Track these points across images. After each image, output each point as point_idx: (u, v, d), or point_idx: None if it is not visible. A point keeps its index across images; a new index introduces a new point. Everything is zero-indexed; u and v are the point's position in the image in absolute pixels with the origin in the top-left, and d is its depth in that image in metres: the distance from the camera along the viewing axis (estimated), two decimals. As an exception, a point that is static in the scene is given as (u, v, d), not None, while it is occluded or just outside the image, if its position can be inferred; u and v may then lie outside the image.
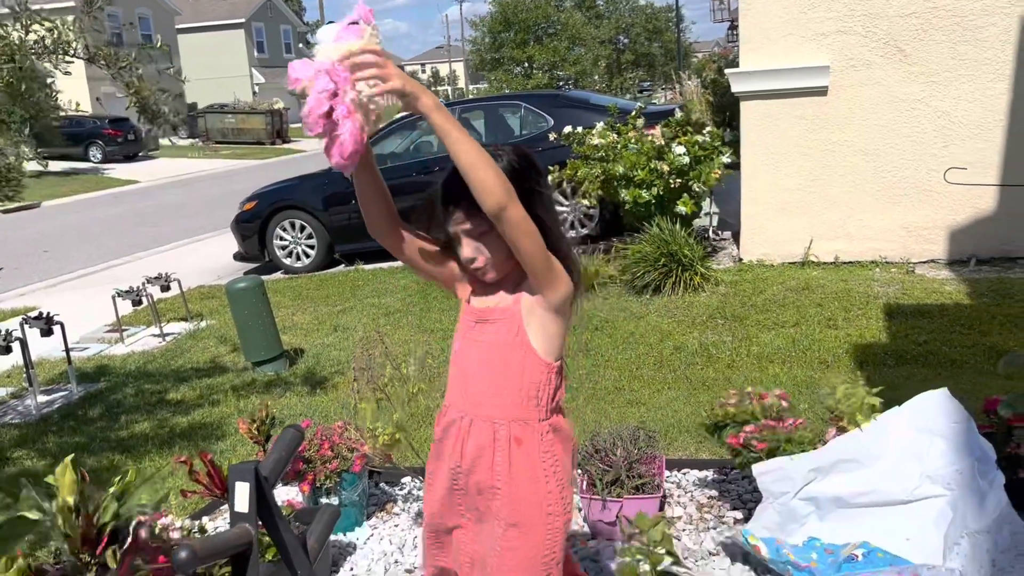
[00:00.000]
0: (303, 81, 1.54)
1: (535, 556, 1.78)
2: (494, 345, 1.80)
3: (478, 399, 1.83)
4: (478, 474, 1.82)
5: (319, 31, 1.59)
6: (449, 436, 1.86)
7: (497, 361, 1.80)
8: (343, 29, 1.55)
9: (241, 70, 46.50)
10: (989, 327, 5.12)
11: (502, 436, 1.80)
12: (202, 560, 1.75)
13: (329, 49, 1.54)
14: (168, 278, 7.09)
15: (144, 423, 4.95)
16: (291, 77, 1.56)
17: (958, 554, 2.47)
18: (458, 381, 1.87)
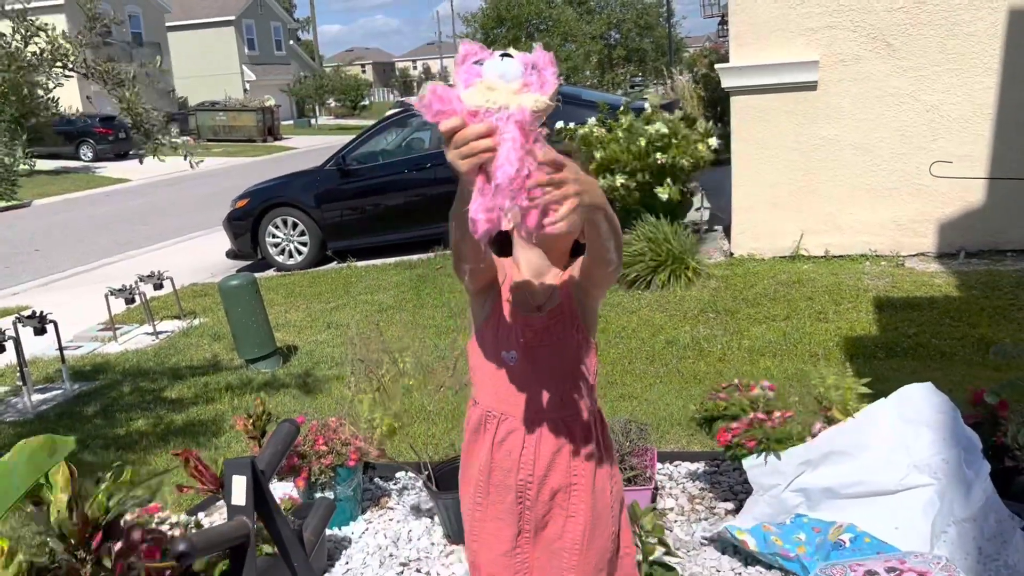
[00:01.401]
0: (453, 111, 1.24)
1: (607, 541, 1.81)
2: (558, 346, 1.72)
3: (545, 403, 1.73)
4: (554, 478, 1.74)
5: (494, 61, 1.27)
6: (509, 447, 1.75)
7: (562, 359, 1.73)
8: (527, 70, 1.27)
9: (232, 67, 46.35)
10: (978, 319, 5.16)
11: (578, 431, 1.75)
12: (200, 553, 1.77)
13: (509, 87, 1.24)
14: (161, 276, 7.09)
15: (139, 421, 4.96)
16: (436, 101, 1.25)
17: (945, 542, 2.51)
18: (513, 389, 1.73)
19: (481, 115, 1.23)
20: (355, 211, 9.20)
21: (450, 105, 1.24)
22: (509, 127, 1.21)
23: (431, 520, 3.34)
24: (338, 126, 41.04)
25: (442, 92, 1.24)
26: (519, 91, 1.24)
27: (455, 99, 1.24)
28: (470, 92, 1.24)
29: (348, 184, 9.20)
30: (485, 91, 1.23)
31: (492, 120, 1.22)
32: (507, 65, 1.26)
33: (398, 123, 9.96)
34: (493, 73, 1.25)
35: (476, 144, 1.23)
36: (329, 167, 9.41)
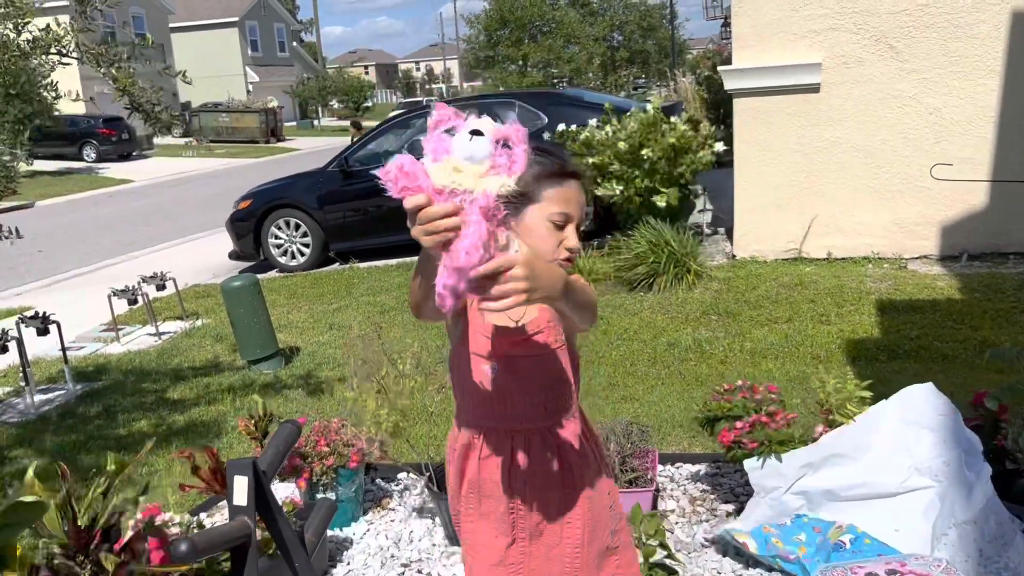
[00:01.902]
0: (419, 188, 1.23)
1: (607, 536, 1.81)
2: (539, 356, 1.69)
3: (530, 413, 1.70)
4: (545, 486, 1.72)
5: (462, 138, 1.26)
6: (497, 460, 1.72)
7: (544, 368, 1.70)
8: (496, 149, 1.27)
9: (235, 69, 46.45)
10: (980, 322, 5.16)
11: (565, 438, 1.73)
12: (202, 552, 1.78)
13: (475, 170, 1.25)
14: (163, 277, 7.11)
15: (142, 421, 4.97)
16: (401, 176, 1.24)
17: (946, 544, 2.52)
18: (497, 401, 1.70)
19: (446, 194, 1.22)
20: (357, 212, 9.21)
21: (416, 181, 1.23)
22: (473, 211, 1.21)
23: (432, 521, 3.34)
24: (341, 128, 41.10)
25: (408, 167, 1.23)
26: (485, 174, 1.24)
27: (421, 174, 1.23)
28: (437, 169, 1.24)
29: (351, 186, 9.21)
30: (451, 172, 1.23)
31: (457, 200, 1.22)
32: (475, 145, 1.25)
33: (400, 124, 9.97)
34: (461, 153, 1.24)
35: (440, 223, 1.24)
36: (332, 168, 9.43)
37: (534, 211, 1.61)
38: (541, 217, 1.61)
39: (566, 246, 1.62)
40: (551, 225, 1.61)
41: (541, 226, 1.61)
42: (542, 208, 1.61)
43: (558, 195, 1.61)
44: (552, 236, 1.62)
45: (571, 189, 1.63)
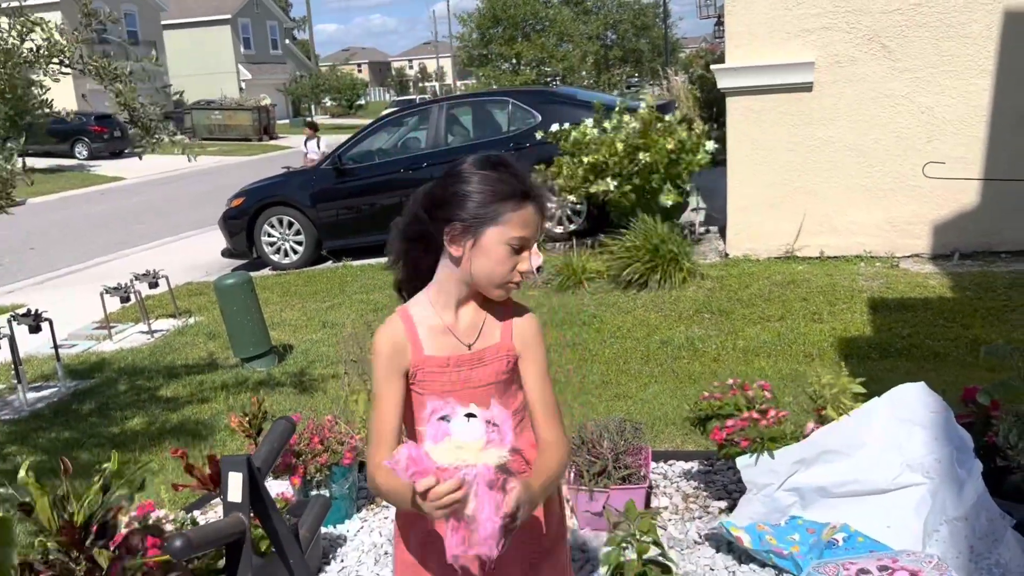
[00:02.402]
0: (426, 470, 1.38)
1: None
2: (495, 383, 1.68)
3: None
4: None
5: (460, 422, 1.42)
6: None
7: (501, 393, 1.68)
8: (488, 428, 1.43)
9: (227, 66, 46.30)
10: (971, 320, 5.19)
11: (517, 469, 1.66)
12: (196, 548, 1.78)
13: (475, 446, 1.41)
14: (156, 275, 7.09)
15: (134, 419, 4.96)
16: (410, 463, 1.38)
17: (937, 541, 2.53)
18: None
19: (451, 471, 1.37)
20: (351, 210, 9.21)
21: (422, 464, 1.38)
22: (481, 486, 1.38)
23: (426, 518, 3.34)
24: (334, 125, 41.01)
25: (415, 454, 1.38)
26: (484, 448, 1.40)
27: (426, 459, 1.38)
28: (440, 450, 1.39)
29: (344, 183, 9.21)
30: (455, 450, 1.39)
31: (461, 475, 1.37)
32: (472, 427, 1.42)
33: (393, 122, 9.96)
34: (461, 436, 1.41)
35: (448, 499, 1.36)
36: (325, 166, 9.41)
37: (492, 233, 1.58)
38: (499, 241, 1.58)
39: (520, 269, 1.62)
40: (508, 248, 1.59)
41: (498, 249, 1.59)
42: (501, 232, 1.58)
43: (517, 219, 1.59)
44: (508, 259, 1.60)
45: (530, 212, 1.61)
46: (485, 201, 1.58)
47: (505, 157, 1.67)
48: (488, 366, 1.68)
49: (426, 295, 1.70)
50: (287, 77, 48.56)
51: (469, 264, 1.61)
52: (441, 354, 1.66)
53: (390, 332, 1.67)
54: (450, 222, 1.59)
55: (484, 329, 1.69)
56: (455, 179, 1.62)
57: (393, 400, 1.65)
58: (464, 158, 1.65)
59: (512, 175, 1.61)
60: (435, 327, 1.67)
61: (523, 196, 1.60)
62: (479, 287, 1.65)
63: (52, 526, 2.43)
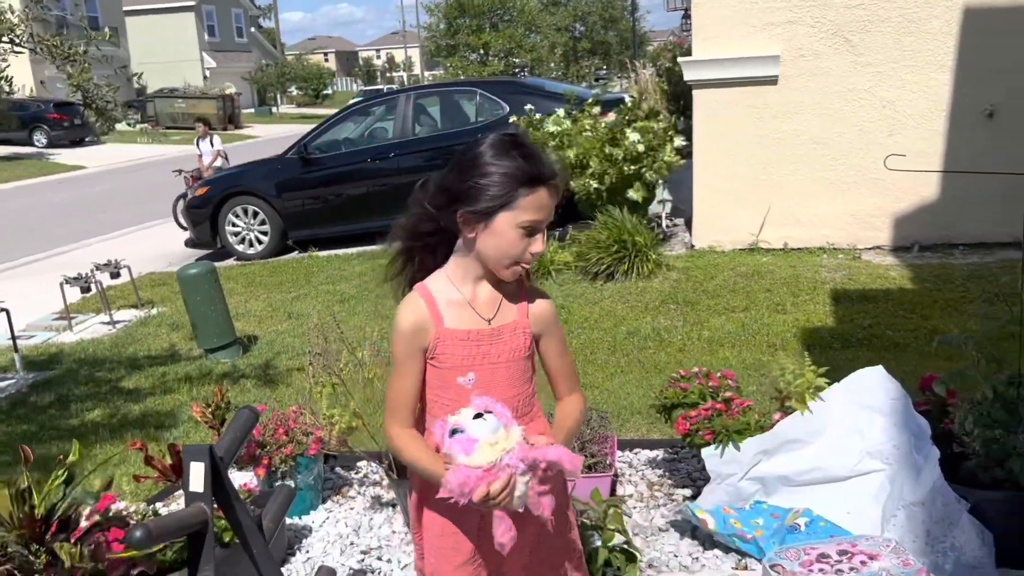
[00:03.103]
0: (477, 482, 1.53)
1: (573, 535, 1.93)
2: (513, 360, 1.75)
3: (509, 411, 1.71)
4: None
5: (478, 425, 1.57)
6: None
7: (517, 371, 1.76)
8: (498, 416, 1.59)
9: (191, 54, 45.57)
10: (930, 311, 5.28)
11: (541, 429, 1.79)
12: (156, 539, 1.76)
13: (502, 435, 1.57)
14: (118, 265, 6.98)
15: (95, 411, 4.89)
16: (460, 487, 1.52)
17: (895, 525, 2.58)
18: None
19: (496, 467, 1.53)
20: (317, 200, 9.13)
21: (472, 480, 1.51)
22: (518, 464, 1.55)
23: (392, 509, 3.34)
24: (300, 115, 40.62)
25: (459, 476, 1.52)
26: (508, 432, 1.56)
27: (472, 473, 1.52)
28: (480, 454, 1.53)
29: (310, 173, 9.13)
30: (490, 448, 1.53)
31: (504, 467, 1.54)
32: (491, 422, 1.56)
33: (360, 111, 9.89)
34: (485, 435, 1.55)
35: (504, 493, 1.53)
36: (291, 155, 9.32)
37: (505, 217, 1.61)
38: (511, 224, 1.61)
39: (531, 251, 1.64)
40: (520, 231, 1.62)
41: (510, 232, 1.62)
42: (514, 215, 1.61)
43: (530, 202, 1.61)
44: (520, 242, 1.63)
45: (543, 196, 1.62)
46: (498, 187, 1.59)
47: (520, 137, 1.68)
48: (506, 343, 1.72)
49: (444, 272, 1.74)
50: (252, 66, 47.95)
51: (481, 245, 1.65)
52: (461, 327, 1.69)
53: (411, 309, 1.70)
54: (463, 211, 1.62)
55: (502, 307, 1.73)
56: (468, 167, 1.62)
57: (413, 377, 1.71)
58: (479, 140, 1.65)
59: (526, 157, 1.61)
60: (454, 301, 1.71)
61: (536, 180, 1.61)
62: (491, 267, 1.68)
63: (12, 519, 2.39)
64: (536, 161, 1.62)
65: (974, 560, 2.50)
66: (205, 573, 1.94)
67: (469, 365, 1.70)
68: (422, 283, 1.74)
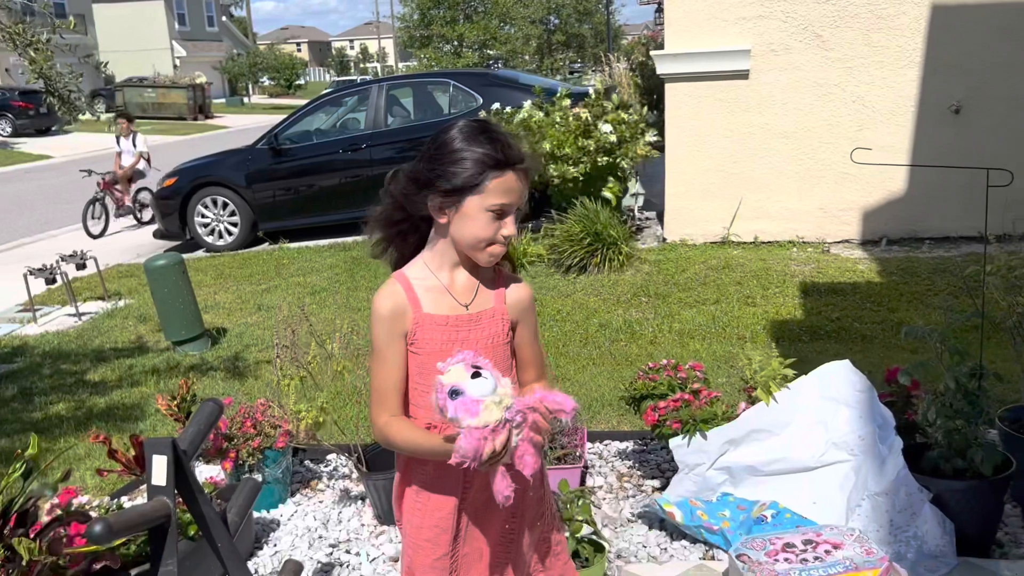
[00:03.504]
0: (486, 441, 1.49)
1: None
2: (490, 346, 1.74)
3: None
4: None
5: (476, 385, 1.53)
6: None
7: (500, 360, 1.74)
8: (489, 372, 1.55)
9: (161, 43, 44.91)
10: (897, 304, 5.35)
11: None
12: (118, 533, 1.73)
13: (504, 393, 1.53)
14: (84, 256, 6.88)
15: (60, 404, 4.81)
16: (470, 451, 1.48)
17: (859, 515, 2.61)
18: None
19: (502, 425, 1.50)
20: (288, 191, 9.05)
21: (482, 440, 1.48)
22: (516, 417, 1.52)
23: (362, 502, 3.33)
24: (272, 105, 40.24)
25: (472, 440, 1.47)
26: (501, 384, 1.53)
27: (477, 432, 1.48)
28: (487, 413, 1.49)
29: (281, 164, 9.04)
30: (496, 407, 1.50)
31: (507, 423, 1.51)
32: (488, 380, 1.53)
33: (332, 102, 9.81)
34: (488, 394, 1.51)
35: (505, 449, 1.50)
36: (261, 146, 9.22)
37: (474, 200, 1.63)
38: (480, 207, 1.63)
39: (503, 234, 1.66)
40: (490, 215, 1.63)
41: (480, 216, 1.63)
42: (482, 199, 1.63)
43: (499, 185, 1.62)
44: (490, 225, 1.64)
45: (511, 179, 1.64)
46: (466, 172, 1.61)
47: (489, 123, 1.70)
48: (484, 329, 1.73)
49: (421, 258, 1.75)
50: (223, 55, 47.36)
51: (454, 230, 1.67)
52: (440, 312, 1.70)
53: (390, 294, 1.71)
54: (433, 196, 1.64)
55: (479, 292, 1.74)
56: (437, 153, 1.65)
57: (396, 362, 1.70)
58: (448, 127, 1.68)
59: (493, 142, 1.63)
60: (432, 287, 1.72)
61: (503, 164, 1.63)
62: (466, 252, 1.69)
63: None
64: (503, 145, 1.63)
65: (936, 549, 2.54)
66: (168, 567, 1.92)
67: (449, 351, 1.68)
68: (399, 271, 1.75)
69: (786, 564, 2.27)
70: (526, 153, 1.68)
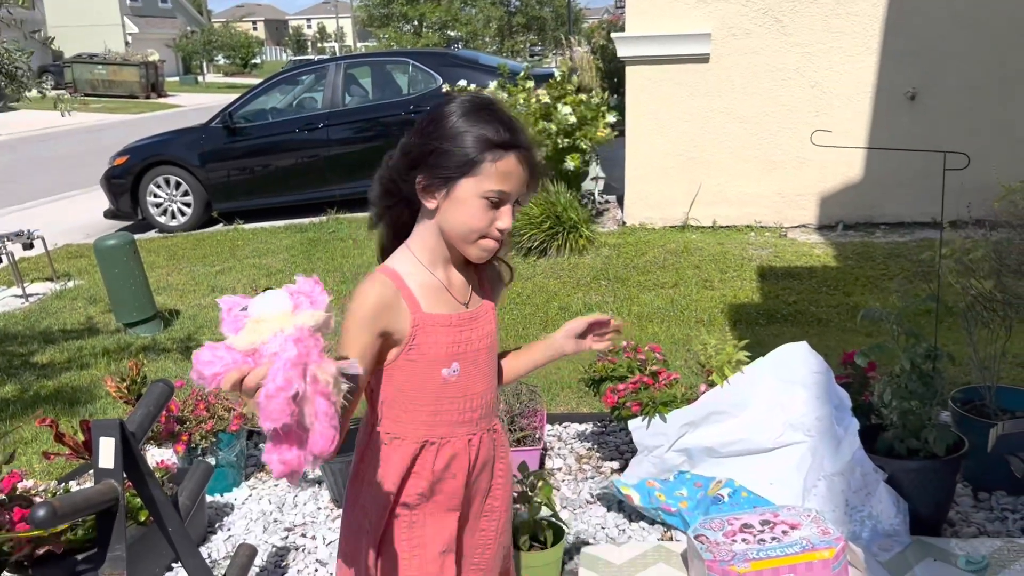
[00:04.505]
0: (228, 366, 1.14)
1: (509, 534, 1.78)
2: (490, 345, 1.60)
3: (485, 411, 1.60)
4: (483, 481, 1.63)
5: (257, 300, 1.20)
6: (454, 470, 1.57)
7: (494, 354, 1.63)
8: (293, 297, 1.21)
9: (112, 18, 43.85)
10: (852, 288, 5.42)
11: (500, 435, 1.67)
12: (63, 518, 1.67)
13: (278, 316, 1.17)
14: (31, 235, 6.66)
15: (6, 387, 4.67)
16: (206, 367, 1.14)
17: (815, 495, 2.64)
18: (455, 407, 1.55)
19: (259, 353, 1.13)
20: (243, 171, 8.88)
21: (222, 360, 1.13)
22: (287, 347, 1.13)
23: (318, 485, 3.28)
24: (227, 84, 39.50)
25: (208, 354, 1.14)
26: (295, 315, 1.17)
27: (224, 352, 1.14)
28: (242, 336, 1.15)
29: (235, 143, 8.86)
30: (254, 327, 1.15)
31: (271, 352, 1.13)
32: (271, 297, 1.19)
33: (288, 80, 9.64)
34: (258, 309, 1.17)
35: (266, 387, 1.13)
36: (215, 124, 9.03)
37: (467, 184, 1.44)
38: (474, 192, 1.44)
39: (498, 226, 1.47)
40: (485, 202, 1.45)
41: (473, 202, 1.45)
42: (477, 183, 1.43)
43: (496, 169, 1.43)
44: (484, 214, 1.45)
45: (511, 163, 1.45)
46: (462, 150, 1.43)
47: (490, 99, 1.52)
48: (482, 326, 1.57)
49: (407, 251, 1.54)
50: (177, 32, 46.35)
51: (443, 217, 1.47)
52: (443, 311, 1.51)
53: (378, 289, 1.47)
54: (422, 176, 1.45)
55: (473, 287, 1.59)
56: (431, 128, 1.46)
57: (357, 352, 1.42)
58: (446, 100, 1.49)
59: (495, 121, 1.45)
60: (428, 284, 1.51)
61: (504, 146, 1.44)
62: (454, 243, 1.50)
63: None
64: (507, 126, 1.46)
65: (890, 528, 2.58)
66: (116, 552, 1.86)
67: (454, 354, 1.51)
68: (384, 265, 1.54)
69: (744, 544, 2.28)
70: (528, 137, 1.49)
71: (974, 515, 2.80)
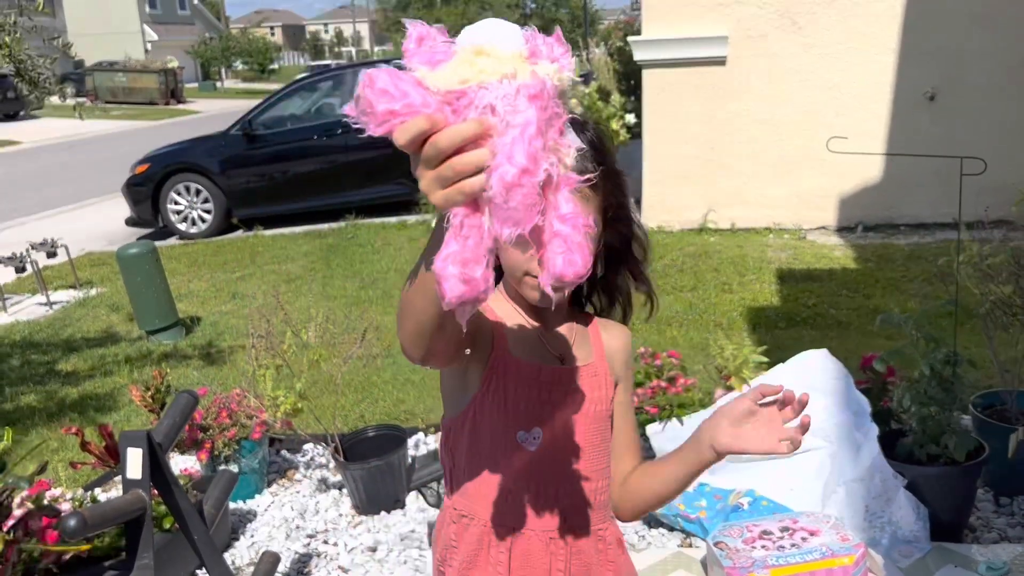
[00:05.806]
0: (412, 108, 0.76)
1: None
2: (593, 416, 1.27)
3: (582, 500, 1.25)
4: None
5: (478, 27, 0.81)
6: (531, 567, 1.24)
7: (597, 432, 1.28)
8: (531, 38, 0.82)
9: (132, 26, 44.25)
10: (872, 290, 5.40)
11: (610, 539, 1.31)
12: (92, 528, 1.71)
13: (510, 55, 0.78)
14: (54, 244, 6.76)
15: (31, 395, 4.74)
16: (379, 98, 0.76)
17: (835, 501, 2.63)
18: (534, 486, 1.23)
19: (467, 102, 0.75)
20: (262, 178, 8.96)
21: (407, 98, 0.75)
22: (522, 105, 0.74)
23: (339, 492, 3.31)
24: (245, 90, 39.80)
25: (386, 80, 0.75)
26: (528, 59, 0.79)
27: (413, 87, 0.76)
28: (445, 70, 0.77)
29: (255, 150, 8.94)
30: (471, 60, 0.77)
31: (487, 104, 0.75)
32: (498, 26, 0.80)
33: (307, 87, 9.71)
34: (480, 36, 0.79)
35: (465, 159, 0.75)
36: (235, 131, 9.11)
37: None
38: None
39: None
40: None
41: None
42: None
43: None
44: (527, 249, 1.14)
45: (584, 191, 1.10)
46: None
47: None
48: (579, 392, 1.25)
49: (500, 288, 1.28)
50: (196, 39, 46.75)
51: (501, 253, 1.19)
52: (531, 360, 1.22)
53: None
54: None
55: (573, 342, 1.28)
56: None
57: None
58: None
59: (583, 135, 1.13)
60: (520, 327, 1.24)
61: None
62: (512, 284, 1.24)
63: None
64: (594, 142, 1.17)
65: (910, 535, 2.57)
66: (144, 560, 1.89)
67: (536, 417, 1.21)
68: None
69: (763, 551, 2.28)
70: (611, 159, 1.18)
71: (995, 520, 2.79)
